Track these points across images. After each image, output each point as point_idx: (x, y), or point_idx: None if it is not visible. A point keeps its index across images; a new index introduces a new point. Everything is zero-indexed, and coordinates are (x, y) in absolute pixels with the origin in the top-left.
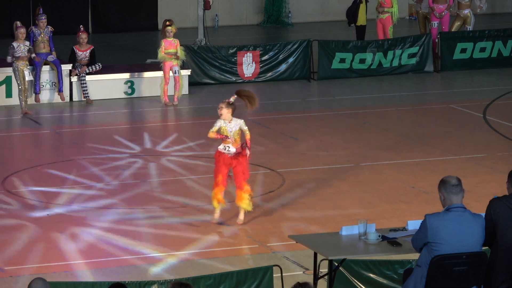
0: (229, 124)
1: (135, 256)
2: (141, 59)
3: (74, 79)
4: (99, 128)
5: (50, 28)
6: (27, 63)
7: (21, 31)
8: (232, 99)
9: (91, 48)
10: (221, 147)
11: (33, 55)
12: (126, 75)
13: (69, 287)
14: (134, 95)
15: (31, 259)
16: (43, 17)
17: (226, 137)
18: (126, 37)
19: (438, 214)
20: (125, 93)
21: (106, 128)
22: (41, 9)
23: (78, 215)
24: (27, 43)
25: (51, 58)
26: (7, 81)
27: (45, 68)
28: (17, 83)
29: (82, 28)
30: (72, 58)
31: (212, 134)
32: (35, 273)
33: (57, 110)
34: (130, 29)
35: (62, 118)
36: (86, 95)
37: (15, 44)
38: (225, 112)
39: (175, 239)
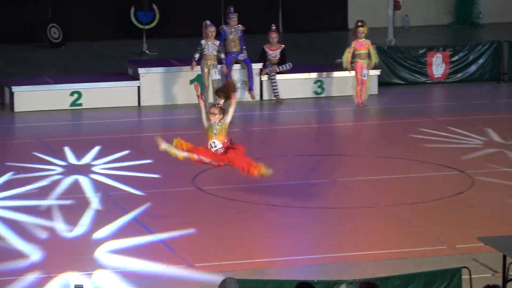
0: (215, 124)
1: (326, 255)
2: (331, 59)
3: (265, 78)
4: (289, 128)
5: (241, 27)
6: (214, 62)
7: (210, 30)
8: (221, 102)
9: (282, 48)
10: (209, 145)
11: (222, 55)
12: (315, 75)
13: (259, 285)
14: (323, 95)
15: (222, 256)
16: (234, 16)
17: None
18: (316, 37)
19: None
20: (315, 92)
21: (294, 127)
22: (232, 8)
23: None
24: (217, 42)
25: (241, 56)
26: (198, 80)
27: (236, 66)
28: (202, 81)
29: (273, 28)
30: (262, 57)
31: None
32: (224, 270)
33: (247, 109)
34: (320, 29)
35: (252, 117)
36: (276, 94)
37: (203, 42)
38: (217, 118)
39: (362, 240)
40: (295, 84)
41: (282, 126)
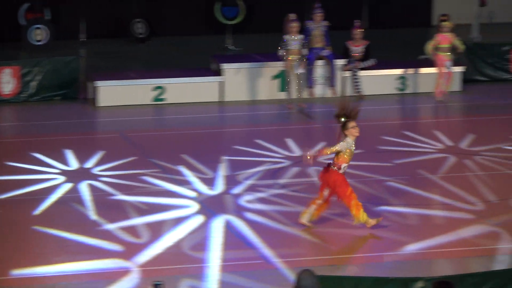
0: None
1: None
2: (414, 55)
3: (346, 74)
4: (369, 124)
5: (325, 23)
6: (298, 56)
7: (293, 25)
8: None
9: (367, 44)
10: (343, 170)
11: (305, 50)
12: (398, 71)
13: (335, 281)
14: (406, 91)
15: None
16: (319, 11)
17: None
18: (400, 33)
19: None
20: (397, 88)
21: (375, 123)
22: (318, 4)
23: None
24: (300, 36)
25: (325, 52)
26: (282, 75)
27: (320, 62)
28: (285, 75)
29: (356, 24)
30: (345, 53)
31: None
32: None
33: (329, 105)
34: (404, 25)
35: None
36: (358, 90)
37: (287, 37)
38: None
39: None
40: (378, 80)
41: (361, 122)
